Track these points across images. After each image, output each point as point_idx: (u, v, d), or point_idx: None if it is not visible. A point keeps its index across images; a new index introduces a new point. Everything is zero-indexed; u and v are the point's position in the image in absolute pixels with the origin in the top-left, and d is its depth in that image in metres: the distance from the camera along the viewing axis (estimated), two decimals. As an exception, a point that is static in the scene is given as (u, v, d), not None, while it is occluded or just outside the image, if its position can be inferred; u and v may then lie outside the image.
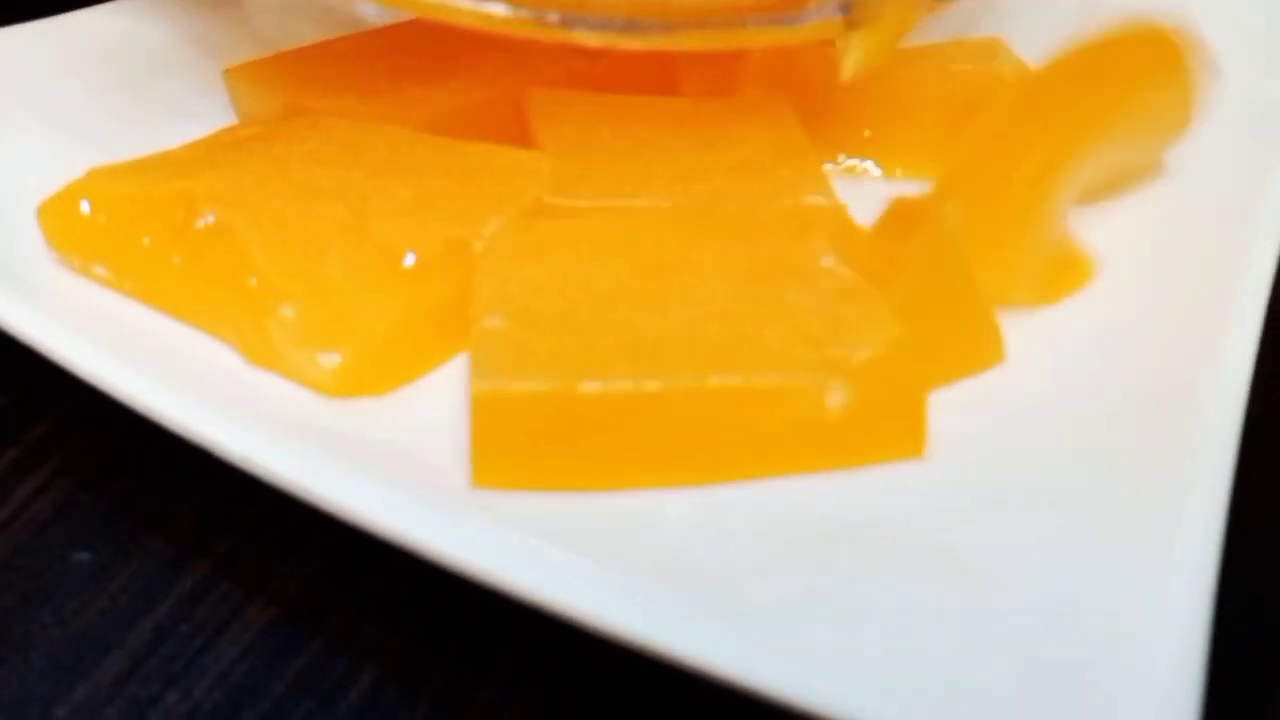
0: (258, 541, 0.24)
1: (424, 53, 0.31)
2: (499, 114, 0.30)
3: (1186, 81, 0.29)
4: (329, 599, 0.23)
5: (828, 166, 0.32)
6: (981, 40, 0.35)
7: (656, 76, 0.31)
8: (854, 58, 0.29)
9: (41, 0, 0.34)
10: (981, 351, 0.26)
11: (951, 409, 0.24)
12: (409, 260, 0.25)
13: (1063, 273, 0.28)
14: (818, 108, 0.31)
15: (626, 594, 0.19)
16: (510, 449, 0.22)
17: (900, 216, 0.28)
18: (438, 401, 0.24)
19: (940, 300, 0.26)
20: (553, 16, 0.28)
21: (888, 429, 0.23)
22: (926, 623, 0.19)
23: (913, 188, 0.30)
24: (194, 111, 0.31)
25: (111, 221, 0.26)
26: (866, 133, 0.32)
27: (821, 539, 0.21)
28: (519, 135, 0.30)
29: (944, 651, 0.18)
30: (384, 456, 0.22)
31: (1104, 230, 0.29)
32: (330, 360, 0.24)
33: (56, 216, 0.26)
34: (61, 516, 0.25)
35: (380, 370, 0.24)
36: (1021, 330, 0.26)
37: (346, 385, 0.24)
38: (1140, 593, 0.19)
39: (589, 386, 0.22)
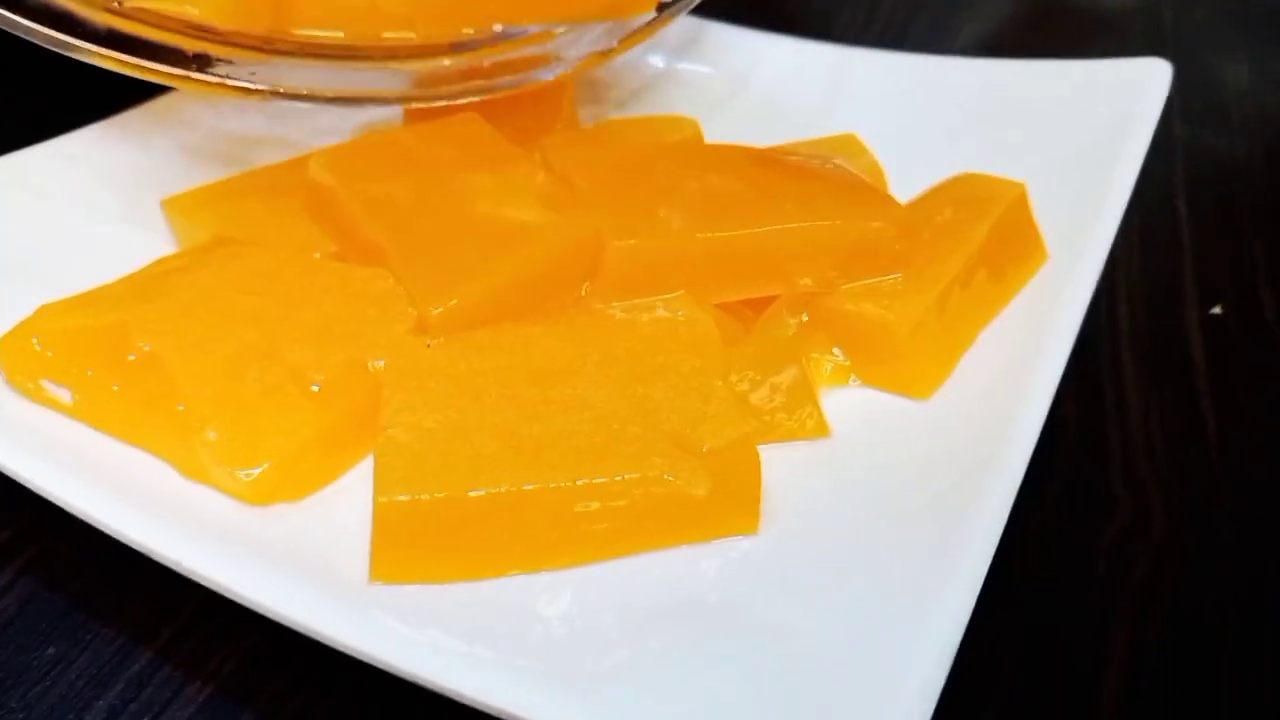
0: (195, 629, 0.29)
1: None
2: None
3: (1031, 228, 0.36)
4: (257, 677, 0.28)
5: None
6: (841, 138, 0.40)
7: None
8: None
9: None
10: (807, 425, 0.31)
11: (780, 489, 0.29)
12: (315, 383, 0.30)
13: (938, 372, 0.33)
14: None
15: (492, 674, 0.24)
16: (404, 550, 0.27)
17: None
18: (345, 503, 0.29)
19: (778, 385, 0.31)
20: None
21: (729, 510, 0.28)
22: (738, 683, 0.24)
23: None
24: (148, 231, 0.36)
25: (59, 354, 0.30)
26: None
27: (661, 613, 0.26)
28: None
29: (746, 705, 0.23)
30: (297, 556, 0.27)
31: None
32: (249, 474, 0.28)
33: (10, 351, 0.31)
34: (25, 612, 0.29)
35: (293, 480, 0.29)
36: (847, 419, 0.31)
37: (264, 495, 0.28)
38: (897, 652, 0.24)
39: (474, 493, 0.27)
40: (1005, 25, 0.63)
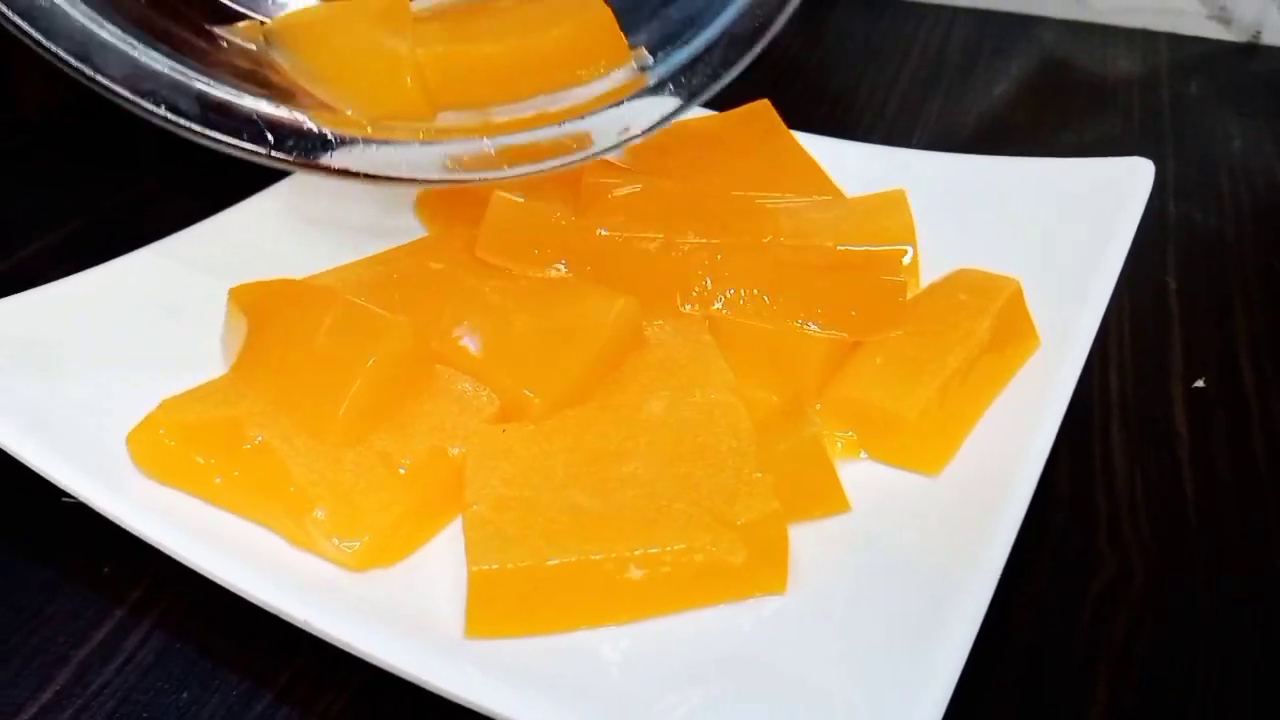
0: (308, 675, 0.35)
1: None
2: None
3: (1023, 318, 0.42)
4: (361, 718, 0.34)
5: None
6: (890, 194, 0.47)
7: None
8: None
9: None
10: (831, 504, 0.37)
11: (806, 556, 0.35)
12: (403, 467, 0.36)
13: (947, 449, 0.39)
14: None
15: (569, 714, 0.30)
16: (493, 610, 0.33)
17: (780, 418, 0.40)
18: (429, 567, 0.35)
19: (804, 474, 0.37)
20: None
21: (762, 573, 0.34)
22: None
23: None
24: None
25: (181, 444, 0.37)
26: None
27: (704, 662, 0.32)
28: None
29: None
30: (397, 613, 0.33)
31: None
32: (351, 545, 0.35)
33: (141, 443, 0.37)
34: (161, 661, 0.36)
35: (388, 549, 0.35)
36: (863, 490, 0.37)
37: (365, 562, 0.35)
38: (900, 693, 0.30)
39: (551, 561, 0.33)
40: (1013, 100, 0.70)
